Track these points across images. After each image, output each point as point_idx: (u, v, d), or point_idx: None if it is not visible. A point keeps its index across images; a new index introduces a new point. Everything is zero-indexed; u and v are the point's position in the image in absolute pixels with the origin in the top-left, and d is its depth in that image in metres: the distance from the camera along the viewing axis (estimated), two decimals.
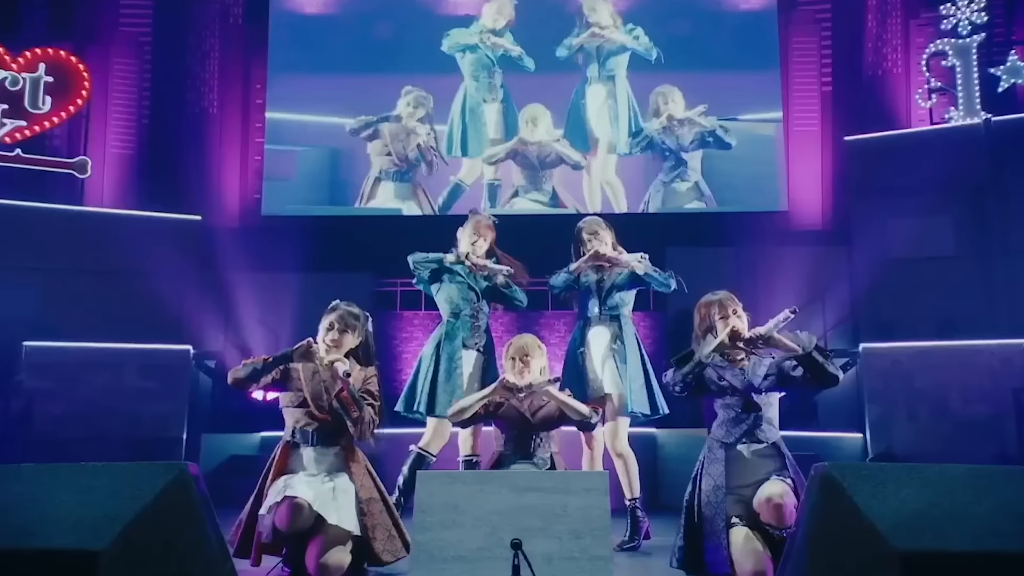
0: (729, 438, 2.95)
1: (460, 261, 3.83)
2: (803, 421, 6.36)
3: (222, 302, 7.31)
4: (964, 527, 1.91)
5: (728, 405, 2.98)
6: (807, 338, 2.88)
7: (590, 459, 3.73)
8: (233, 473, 6.09)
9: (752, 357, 3.03)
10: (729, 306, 3.05)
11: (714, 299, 3.09)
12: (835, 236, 7.36)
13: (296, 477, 2.96)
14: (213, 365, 7.26)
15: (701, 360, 2.93)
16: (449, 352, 3.74)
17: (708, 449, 2.99)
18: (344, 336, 3.09)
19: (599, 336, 3.81)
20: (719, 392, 2.98)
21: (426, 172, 7.33)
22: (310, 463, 3.00)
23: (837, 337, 7.20)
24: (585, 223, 3.96)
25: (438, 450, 3.75)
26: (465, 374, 3.74)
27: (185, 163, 7.77)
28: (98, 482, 2.09)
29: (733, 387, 2.97)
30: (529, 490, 2.41)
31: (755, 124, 7.38)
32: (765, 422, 2.95)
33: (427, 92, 7.42)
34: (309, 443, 3.00)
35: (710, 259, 6.82)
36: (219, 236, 7.40)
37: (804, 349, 2.86)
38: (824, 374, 2.85)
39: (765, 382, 2.98)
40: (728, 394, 2.97)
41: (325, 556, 2.80)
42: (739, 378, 2.99)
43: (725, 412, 2.98)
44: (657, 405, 3.73)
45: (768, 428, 2.95)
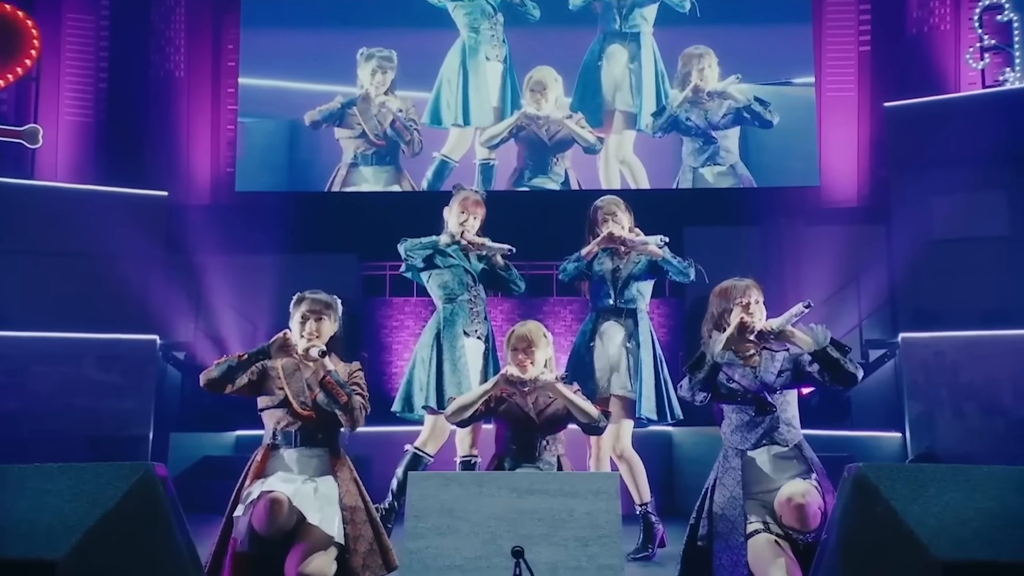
0: (745, 444, 2.95)
1: (455, 242, 3.81)
2: (835, 419, 6.37)
3: (192, 287, 7.32)
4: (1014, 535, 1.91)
5: (740, 408, 2.97)
6: (822, 332, 2.87)
7: (597, 459, 3.74)
8: (205, 475, 6.13)
9: (763, 352, 3.03)
10: (749, 295, 3.05)
11: (738, 284, 3.09)
12: (872, 213, 7.35)
13: (274, 476, 2.97)
14: (182, 357, 7.27)
15: (715, 361, 2.93)
16: (450, 339, 3.73)
17: (723, 458, 2.99)
18: (322, 324, 3.10)
19: (612, 331, 3.82)
20: (729, 395, 2.98)
21: (408, 153, 6.84)
22: (292, 465, 3.00)
23: (873, 326, 7.20)
24: (603, 202, 3.94)
25: (436, 450, 3.76)
26: (470, 365, 3.73)
27: (149, 133, 7.76)
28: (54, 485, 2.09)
29: (744, 389, 2.97)
30: (532, 493, 2.42)
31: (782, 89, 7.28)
32: (783, 423, 2.95)
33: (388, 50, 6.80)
34: (292, 444, 3.01)
35: (732, 240, 6.82)
36: (188, 214, 7.39)
37: (819, 344, 2.86)
38: (840, 372, 2.85)
39: (780, 379, 2.98)
40: (739, 397, 2.97)
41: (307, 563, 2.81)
42: (749, 378, 2.99)
43: (738, 415, 2.98)
44: (666, 410, 3.74)
45: (788, 429, 2.95)
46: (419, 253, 3.80)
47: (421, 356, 3.77)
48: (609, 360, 3.78)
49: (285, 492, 2.86)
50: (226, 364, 3.01)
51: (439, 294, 3.86)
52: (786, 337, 2.93)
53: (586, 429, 3.27)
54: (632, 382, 3.73)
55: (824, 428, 6.01)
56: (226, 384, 3.02)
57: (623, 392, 3.74)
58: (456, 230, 3.83)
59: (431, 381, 3.69)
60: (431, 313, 3.98)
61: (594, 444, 3.74)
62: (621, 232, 3.80)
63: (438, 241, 3.82)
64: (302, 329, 3.08)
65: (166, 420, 6.79)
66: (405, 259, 3.84)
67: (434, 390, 3.67)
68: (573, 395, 3.22)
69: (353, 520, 2.93)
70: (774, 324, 2.93)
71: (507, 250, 3.81)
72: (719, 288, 3.13)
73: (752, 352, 3.03)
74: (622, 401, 3.75)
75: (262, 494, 2.84)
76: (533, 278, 7.65)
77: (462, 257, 3.86)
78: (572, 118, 6.59)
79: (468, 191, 3.95)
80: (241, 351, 3.06)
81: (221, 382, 3.01)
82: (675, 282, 4.06)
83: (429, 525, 2.41)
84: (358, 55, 6.93)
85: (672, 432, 6.02)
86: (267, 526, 2.81)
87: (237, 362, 3.00)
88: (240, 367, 3.00)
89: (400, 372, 7.91)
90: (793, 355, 3.00)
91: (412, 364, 3.81)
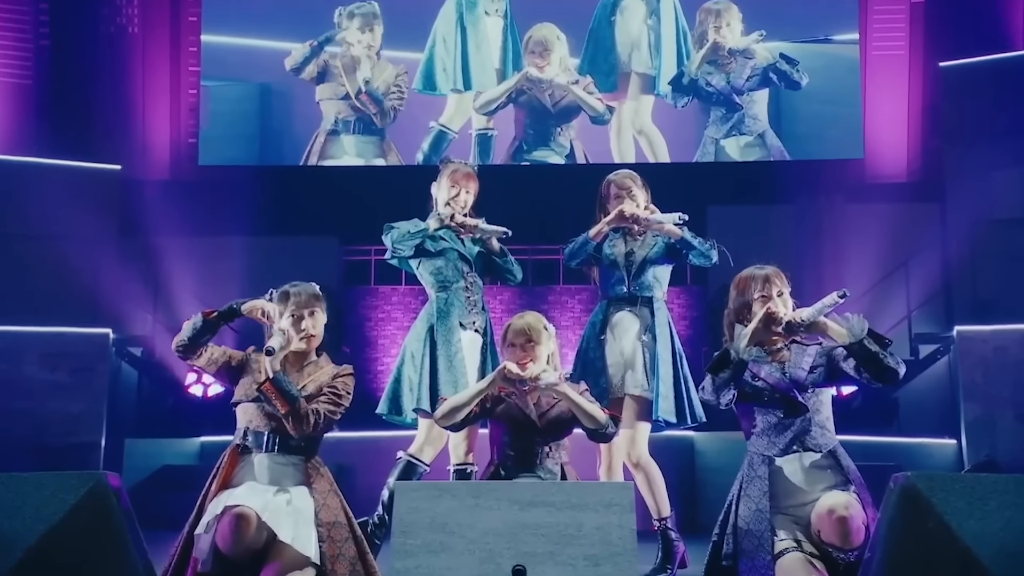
0: (772, 449, 2.94)
1: (444, 225, 3.80)
2: (880, 424, 6.39)
3: (149, 274, 7.33)
4: None
5: (767, 409, 2.97)
6: (858, 322, 2.85)
7: (609, 468, 3.75)
8: (165, 487, 6.16)
9: (792, 346, 3.02)
10: (774, 284, 3.04)
11: (757, 274, 3.07)
12: (923, 190, 7.34)
13: (241, 487, 2.97)
14: (139, 353, 7.29)
15: (741, 358, 2.92)
16: (445, 333, 3.72)
17: (748, 466, 2.98)
18: (317, 319, 3.13)
19: (625, 323, 3.81)
20: (754, 395, 2.97)
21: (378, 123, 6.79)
22: (263, 473, 3.01)
23: (925, 318, 7.21)
24: (616, 177, 3.93)
25: (432, 458, 3.76)
26: (467, 361, 3.73)
27: (98, 97, 7.74)
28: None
29: (771, 387, 2.96)
30: (535, 505, 2.42)
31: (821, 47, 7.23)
32: (816, 426, 2.95)
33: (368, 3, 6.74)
34: (264, 448, 3.02)
35: (762, 220, 6.83)
36: (144, 191, 7.39)
37: (855, 336, 2.84)
38: (879, 367, 2.84)
39: (811, 376, 2.97)
40: (766, 396, 2.96)
41: None
42: (777, 375, 2.98)
43: (764, 418, 2.97)
44: (686, 412, 3.74)
45: (821, 433, 2.95)
46: (408, 244, 3.78)
47: (411, 351, 3.77)
48: (622, 355, 3.78)
49: (253, 506, 2.86)
50: (191, 324, 3.01)
51: (431, 282, 3.86)
52: (818, 329, 2.93)
53: (592, 436, 3.27)
54: (648, 380, 3.72)
55: (867, 433, 6.03)
56: (195, 348, 3.03)
57: (638, 391, 3.73)
58: (445, 211, 3.82)
59: (423, 380, 3.68)
60: (422, 303, 3.98)
61: (605, 450, 3.74)
62: (634, 210, 3.79)
63: (427, 228, 3.80)
64: (296, 329, 3.08)
65: (120, 425, 6.81)
66: (392, 251, 3.83)
67: (427, 390, 3.66)
68: (579, 397, 3.22)
69: (331, 537, 2.94)
70: (804, 315, 2.93)
71: (502, 233, 3.80)
72: (738, 278, 3.13)
73: (780, 346, 3.03)
74: (637, 402, 3.74)
75: (227, 509, 2.84)
76: (537, 264, 7.67)
77: (455, 239, 3.85)
78: (579, 83, 6.46)
79: (457, 163, 3.94)
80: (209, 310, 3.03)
81: (190, 345, 3.02)
82: (696, 267, 4.05)
83: (419, 542, 2.41)
84: (336, 16, 6.85)
85: (694, 437, 6.04)
86: (232, 545, 2.80)
87: (203, 320, 3.00)
88: (206, 327, 3.00)
89: (386, 371, 7.92)
90: (826, 349, 3.00)
91: (401, 361, 3.80)
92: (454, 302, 3.78)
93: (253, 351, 3.17)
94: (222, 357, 3.09)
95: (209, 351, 3.07)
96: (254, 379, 3.05)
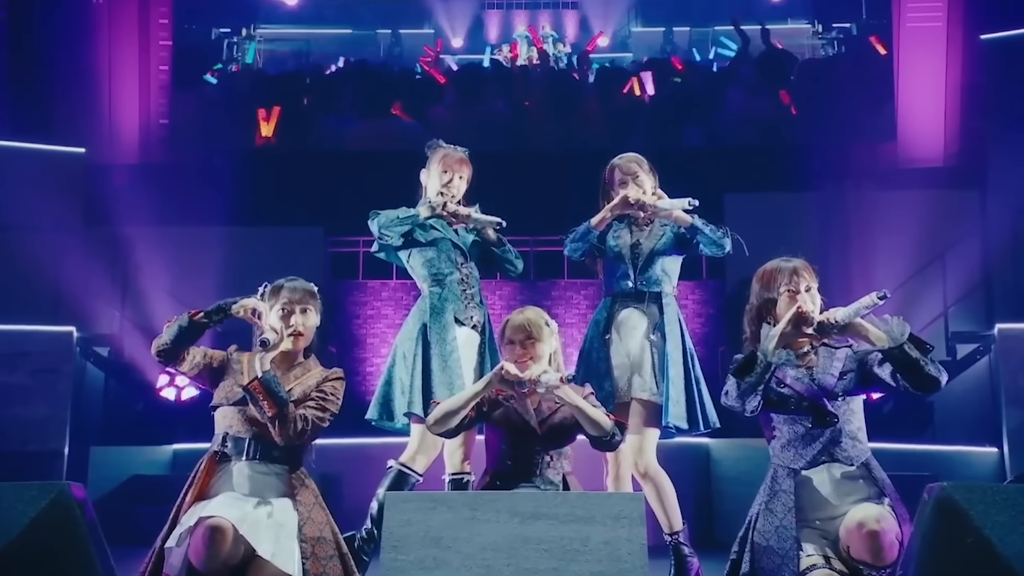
0: (799, 462, 2.95)
1: (436, 214, 3.80)
2: (913, 430, 6.40)
3: (117, 267, 7.34)
4: None
5: (794, 418, 2.97)
6: (898, 326, 2.85)
7: (616, 478, 3.75)
8: (135, 498, 6.18)
9: (821, 349, 3.02)
10: (802, 279, 3.04)
11: (784, 267, 3.08)
12: (962, 175, 7.34)
13: (218, 497, 2.98)
14: (106, 353, 7.30)
15: (768, 360, 2.92)
16: (439, 330, 3.73)
17: (771, 479, 2.99)
18: (308, 318, 3.15)
19: (632, 320, 3.81)
20: (780, 402, 2.98)
21: None
22: (242, 482, 3.02)
23: (963, 315, 7.21)
24: (620, 161, 3.93)
25: (425, 467, 3.77)
26: (464, 360, 3.73)
27: (61, 74, 7.73)
28: None
29: (798, 394, 2.96)
30: (537, 518, 2.43)
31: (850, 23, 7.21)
32: (847, 437, 2.95)
33: None
34: (244, 456, 3.02)
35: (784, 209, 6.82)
36: (112, 176, 7.40)
37: (894, 341, 2.84)
38: (919, 375, 2.84)
39: (842, 382, 2.98)
40: (792, 404, 2.96)
41: None
42: (805, 380, 2.98)
43: (790, 428, 2.98)
44: (698, 418, 3.74)
45: (852, 444, 2.96)
46: (396, 230, 3.79)
47: (403, 351, 3.77)
48: (628, 356, 3.78)
49: (230, 518, 2.86)
50: (176, 325, 3.01)
51: (423, 275, 3.86)
52: (853, 331, 2.92)
53: (596, 443, 3.26)
54: (657, 383, 3.72)
55: (900, 441, 6.03)
56: (179, 352, 3.03)
57: (646, 395, 3.73)
58: (437, 200, 3.82)
59: (415, 382, 3.69)
60: (414, 299, 3.99)
61: (612, 459, 3.75)
62: (639, 195, 3.78)
63: (418, 215, 3.81)
64: (285, 324, 3.10)
65: (85, 431, 6.82)
66: (379, 238, 3.84)
67: (420, 393, 3.67)
68: (583, 401, 3.22)
69: (316, 554, 2.95)
70: (839, 315, 2.92)
71: (496, 224, 3.81)
72: (761, 271, 3.13)
73: (807, 349, 3.03)
74: (645, 407, 3.74)
75: (201, 520, 2.84)
76: (539, 256, 7.68)
77: (448, 228, 3.85)
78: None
79: (448, 148, 3.95)
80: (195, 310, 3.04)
81: (173, 347, 3.02)
82: (713, 261, 4.06)
83: (411, 558, 2.42)
84: None
85: (710, 445, 6.05)
86: (206, 559, 2.81)
87: (188, 322, 3.00)
88: (193, 328, 3.01)
89: (375, 372, 7.93)
90: (859, 353, 3.00)
91: (392, 361, 3.81)
92: (448, 296, 3.78)
93: (235, 351, 3.17)
94: (204, 360, 3.10)
95: (191, 355, 3.08)
96: (236, 380, 3.05)
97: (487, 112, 9.04)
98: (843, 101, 8.03)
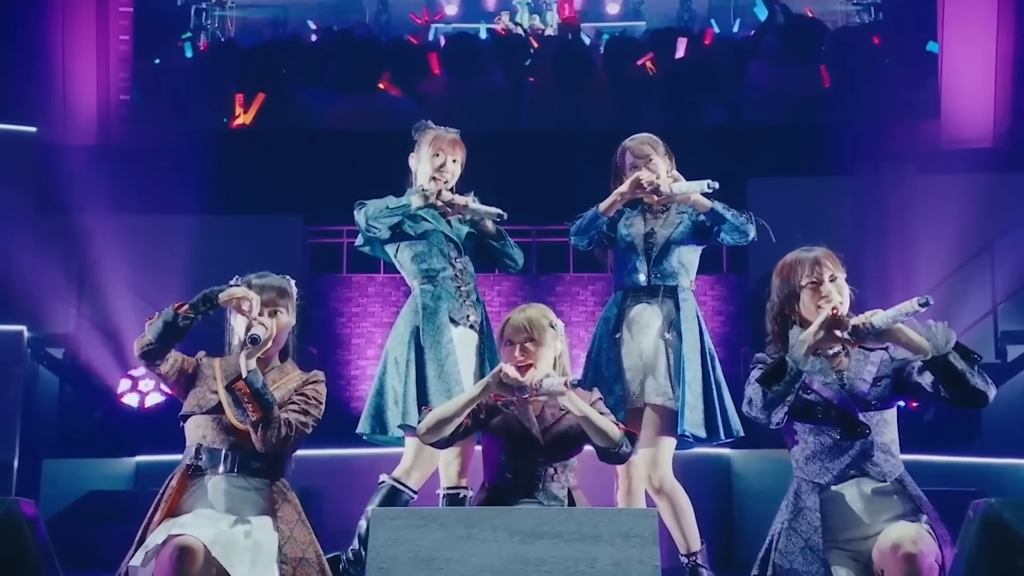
0: (825, 476, 2.95)
1: (429, 204, 3.82)
2: (958, 441, 6.41)
3: (73, 260, 7.35)
4: None
5: (820, 428, 2.98)
6: (943, 333, 2.83)
7: (627, 492, 3.78)
8: (93, 516, 6.18)
9: (853, 351, 3.03)
10: (826, 268, 3.04)
11: (804, 257, 3.07)
12: (1013, 157, 7.35)
13: (190, 514, 3.00)
14: (60, 355, 7.31)
15: (800, 369, 2.90)
16: (432, 332, 3.73)
17: (794, 495, 3.00)
18: (279, 319, 3.15)
19: (644, 318, 3.82)
20: (805, 411, 2.98)
21: None
22: (218, 499, 3.04)
23: (1013, 311, 7.23)
24: (632, 142, 3.94)
25: (420, 483, 3.78)
26: (462, 364, 3.74)
27: (8, 44, 7.72)
28: None
29: (826, 402, 2.98)
30: (539, 536, 2.45)
31: None
32: (879, 449, 2.96)
33: None
34: (220, 469, 3.04)
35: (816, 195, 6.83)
36: (67, 158, 7.41)
37: (938, 350, 2.83)
38: (964, 388, 2.83)
39: (876, 390, 2.98)
40: (819, 413, 2.97)
41: None
42: (834, 387, 2.99)
43: (816, 438, 2.98)
44: (718, 426, 3.74)
45: (885, 459, 2.97)
46: (385, 223, 3.80)
47: (394, 357, 3.77)
48: (641, 358, 3.79)
49: (202, 537, 2.89)
50: (160, 321, 3.01)
51: (413, 272, 3.87)
52: (892, 337, 2.90)
53: (603, 455, 3.26)
54: (673, 387, 3.74)
55: (943, 453, 6.05)
56: (165, 351, 3.04)
57: (661, 401, 3.74)
58: (431, 187, 3.84)
59: (409, 390, 3.69)
60: (404, 295, 4.00)
61: (623, 472, 3.77)
62: (652, 177, 3.80)
63: (409, 205, 3.81)
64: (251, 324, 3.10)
65: (37, 442, 6.84)
66: (365, 231, 3.85)
67: (414, 402, 3.67)
68: (589, 408, 3.22)
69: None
70: (876, 319, 2.89)
71: (496, 215, 3.82)
72: (780, 265, 3.12)
73: (837, 350, 3.04)
74: (659, 413, 3.75)
75: (169, 538, 2.87)
76: (542, 248, 7.68)
77: (440, 219, 3.87)
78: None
79: (438, 128, 3.95)
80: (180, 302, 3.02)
81: (157, 347, 3.02)
82: (735, 253, 4.08)
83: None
84: None
85: (731, 456, 6.07)
86: None
87: (174, 315, 3.00)
88: (179, 323, 2.99)
89: (361, 375, 7.95)
90: (896, 359, 3.01)
91: (383, 369, 3.80)
92: (441, 295, 3.79)
93: (204, 356, 3.20)
94: (183, 363, 3.11)
95: (172, 356, 3.08)
96: (208, 387, 3.07)
97: (484, 87, 9.04)
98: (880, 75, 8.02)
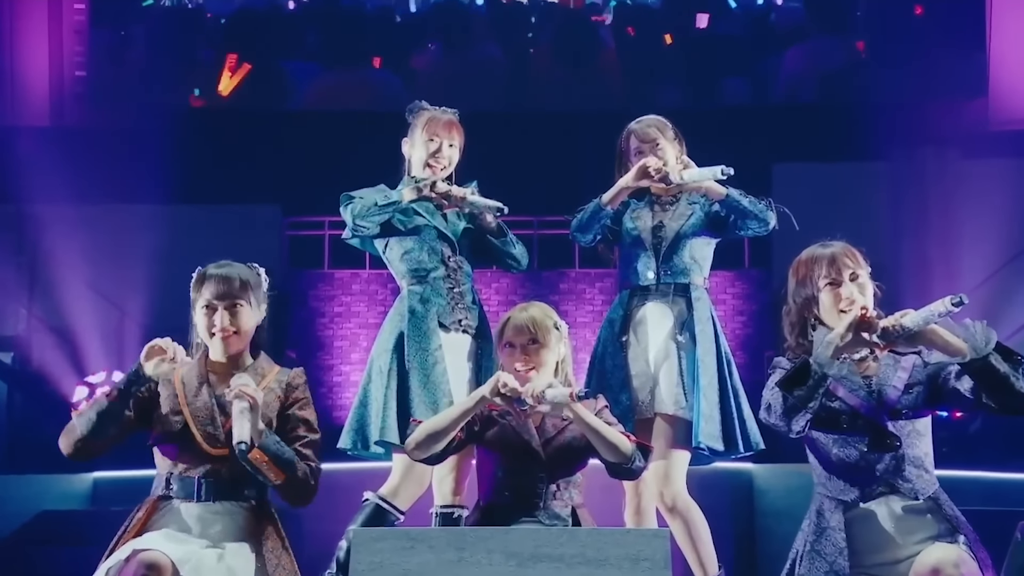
0: (850, 493, 2.98)
1: (425, 196, 3.83)
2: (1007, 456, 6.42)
3: (23, 254, 7.36)
4: None
5: (845, 440, 3.00)
6: (983, 333, 2.85)
7: (637, 511, 3.80)
8: (46, 538, 6.17)
9: (882, 357, 3.05)
10: (845, 266, 3.06)
11: (820, 254, 3.09)
12: None
13: (159, 532, 3.02)
14: (8, 360, 7.31)
15: (824, 372, 2.91)
16: (418, 339, 3.74)
17: (817, 513, 3.02)
18: (240, 315, 3.12)
19: (654, 319, 3.83)
20: (829, 420, 2.99)
21: None
22: (191, 523, 3.04)
23: None
24: (637, 126, 3.94)
25: (409, 503, 3.78)
26: (452, 371, 3.75)
27: None
28: None
29: (852, 410, 3.00)
30: (539, 559, 2.47)
31: None
32: (910, 464, 2.98)
33: None
34: (195, 498, 3.05)
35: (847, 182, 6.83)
36: (16, 141, 7.41)
37: (977, 352, 2.84)
38: (1008, 393, 2.84)
39: (907, 396, 3.00)
40: (844, 423, 3.00)
41: None
42: (861, 394, 3.01)
43: (841, 450, 3.00)
44: (737, 438, 3.76)
45: (917, 475, 2.99)
46: (375, 220, 3.81)
47: (379, 365, 3.78)
48: (650, 363, 3.81)
49: (170, 554, 2.92)
50: (93, 412, 3.02)
51: (402, 270, 3.88)
52: (925, 339, 2.92)
53: (613, 471, 3.28)
54: (686, 395, 3.77)
55: (989, 468, 6.05)
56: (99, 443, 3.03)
57: (672, 410, 3.76)
58: (425, 175, 3.85)
59: (390, 402, 3.70)
60: (391, 293, 4.01)
61: (632, 489, 3.79)
62: (659, 164, 3.81)
63: (400, 200, 3.82)
64: (209, 324, 3.11)
65: None
66: (353, 230, 3.86)
67: (394, 416, 3.69)
68: (595, 419, 3.25)
69: None
70: (907, 321, 2.90)
71: (496, 210, 3.83)
72: (795, 263, 3.15)
73: (864, 355, 3.06)
74: (672, 424, 3.77)
75: (135, 553, 2.90)
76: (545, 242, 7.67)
77: (434, 213, 3.88)
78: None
79: (433, 109, 3.96)
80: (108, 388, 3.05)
81: (92, 440, 3.02)
82: (757, 247, 4.10)
83: None
84: None
85: (753, 471, 6.09)
86: None
87: (107, 404, 3.02)
88: (114, 409, 3.01)
89: (344, 382, 7.94)
90: (930, 364, 3.02)
91: (367, 378, 3.82)
92: (431, 297, 3.79)
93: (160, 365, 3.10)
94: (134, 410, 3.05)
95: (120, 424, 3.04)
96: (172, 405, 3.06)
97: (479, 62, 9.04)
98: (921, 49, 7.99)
